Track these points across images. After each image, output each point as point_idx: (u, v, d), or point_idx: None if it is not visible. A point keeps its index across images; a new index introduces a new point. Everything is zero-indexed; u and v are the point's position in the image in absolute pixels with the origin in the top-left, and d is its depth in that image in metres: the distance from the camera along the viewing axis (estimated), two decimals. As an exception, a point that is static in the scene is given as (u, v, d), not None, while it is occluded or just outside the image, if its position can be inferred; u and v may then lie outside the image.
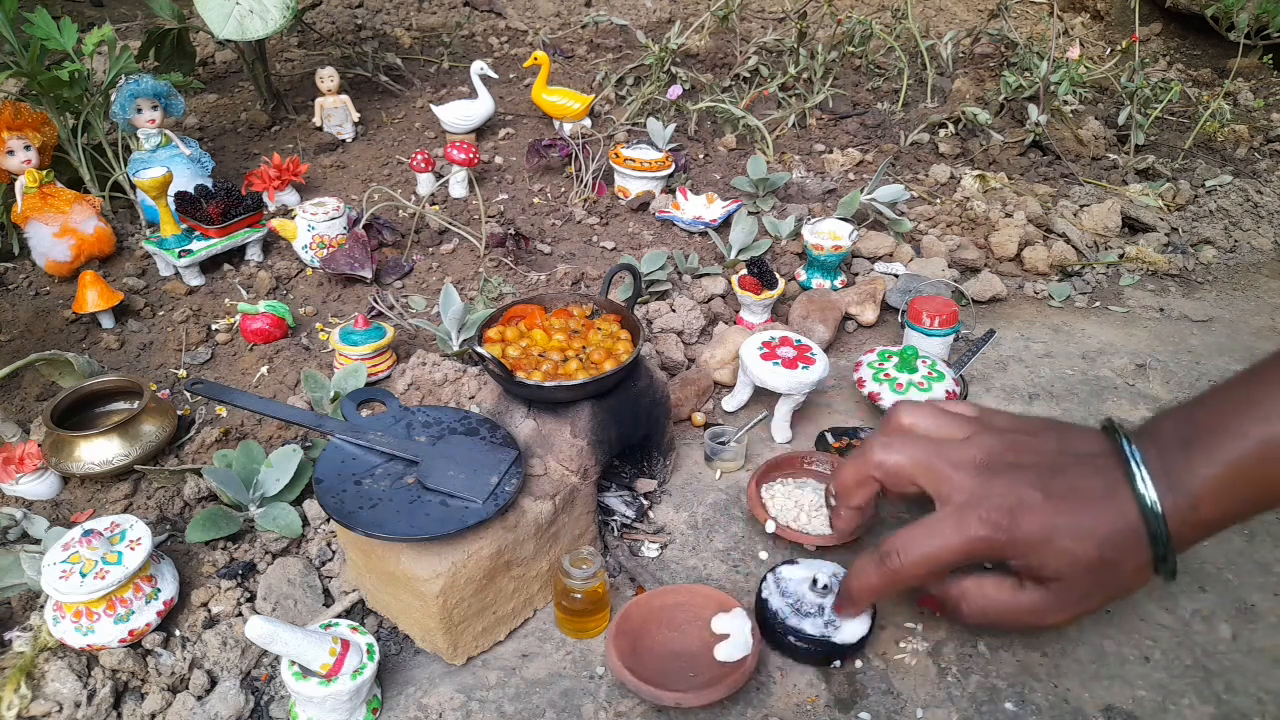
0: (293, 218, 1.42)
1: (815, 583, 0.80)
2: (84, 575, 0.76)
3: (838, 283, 1.40)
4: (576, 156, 1.70)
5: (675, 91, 1.90)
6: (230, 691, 0.77)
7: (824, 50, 2.17)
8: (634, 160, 1.63)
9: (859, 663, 0.80)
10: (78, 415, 1.05)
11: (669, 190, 1.68)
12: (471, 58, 2.11)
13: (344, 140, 1.90)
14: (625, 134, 1.89)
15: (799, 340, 1.08)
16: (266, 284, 1.37)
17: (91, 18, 2.57)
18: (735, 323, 1.31)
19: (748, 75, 2.21)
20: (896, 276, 1.44)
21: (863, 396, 1.11)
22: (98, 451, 0.97)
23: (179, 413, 1.08)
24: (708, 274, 1.40)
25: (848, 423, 1.13)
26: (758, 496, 0.94)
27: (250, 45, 1.84)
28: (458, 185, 1.67)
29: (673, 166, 1.66)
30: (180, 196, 1.39)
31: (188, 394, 1.15)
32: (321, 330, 1.29)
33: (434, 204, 1.64)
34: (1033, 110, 1.89)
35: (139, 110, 1.47)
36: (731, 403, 1.14)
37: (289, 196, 1.63)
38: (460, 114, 1.82)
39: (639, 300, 1.24)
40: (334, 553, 0.91)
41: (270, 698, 0.78)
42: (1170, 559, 0.61)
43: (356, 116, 1.92)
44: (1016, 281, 1.50)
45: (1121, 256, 1.57)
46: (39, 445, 0.99)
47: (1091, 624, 0.84)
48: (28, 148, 1.35)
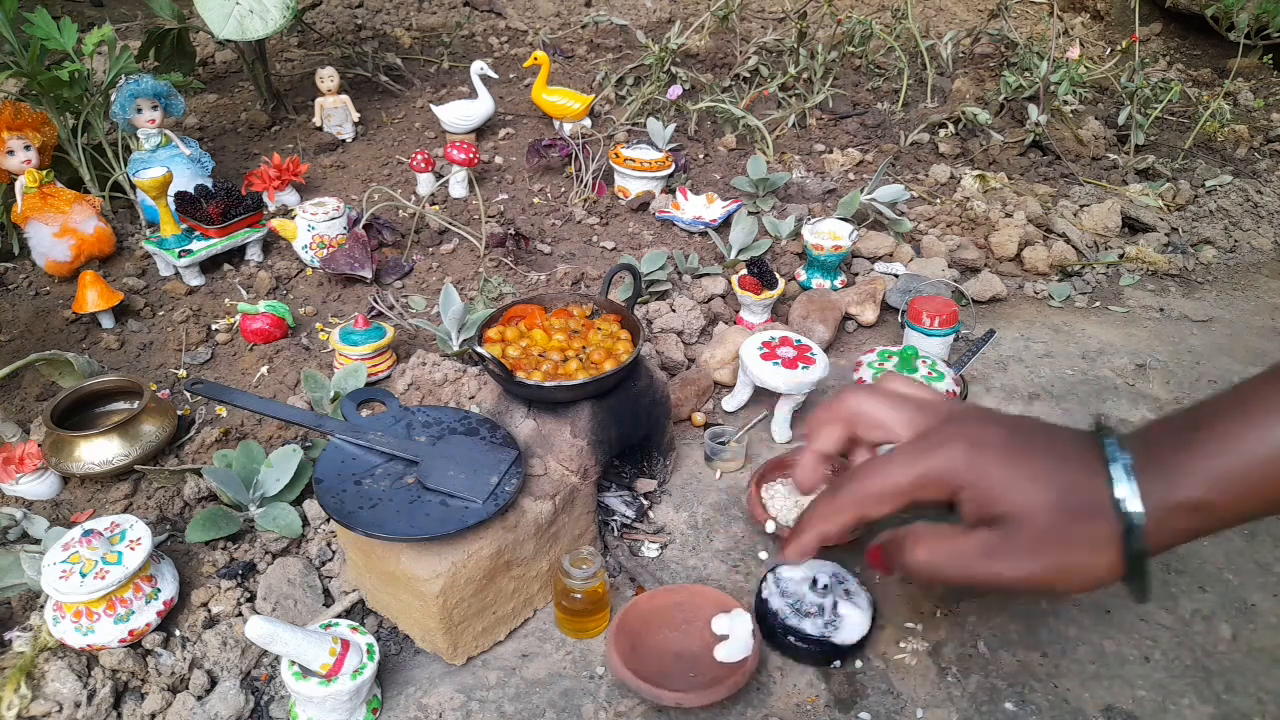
0: (293, 218, 1.42)
1: (815, 583, 0.80)
2: (84, 575, 0.76)
3: (838, 283, 1.40)
4: (576, 156, 1.70)
5: (675, 91, 1.90)
6: (230, 691, 0.77)
7: (824, 50, 2.17)
8: (634, 160, 1.63)
9: (859, 663, 0.80)
10: (78, 415, 1.05)
11: (669, 190, 1.68)
12: (471, 58, 2.11)
13: (344, 140, 1.90)
14: (625, 134, 1.89)
15: (799, 340, 1.08)
16: (266, 284, 1.37)
17: (91, 18, 2.56)
18: (735, 323, 1.31)
19: (748, 75, 2.21)
20: (896, 276, 1.44)
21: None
22: (98, 451, 0.97)
23: (179, 413, 1.08)
24: (708, 274, 1.40)
25: (848, 423, 1.13)
26: (758, 496, 0.94)
27: (250, 45, 1.84)
28: (458, 185, 1.67)
29: (673, 166, 1.66)
30: (180, 196, 1.39)
31: (188, 394, 1.15)
32: (321, 330, 1.29)
33: (434, 204, 1.64)
34: (1033, 110, 1.89)
35: (139, 110, 1.47)
36: (731, 403, 1.14)
37: (289, 196, 1.63)
38: (460, 114, 1.82)
39: (639, 300, 1.24)
40: (334, 553, 0.91)
41: (270, 698, 0.78)
42: (1137, 539, 0.57)
43: (356, 116, 1.92)
44: (1016, 281, 1.49)
45: (1121, 256, 1.57)
46: (39, 445, 0.99)
47: (1092, 624, 0.84)
48: (28, 148, 1.35)
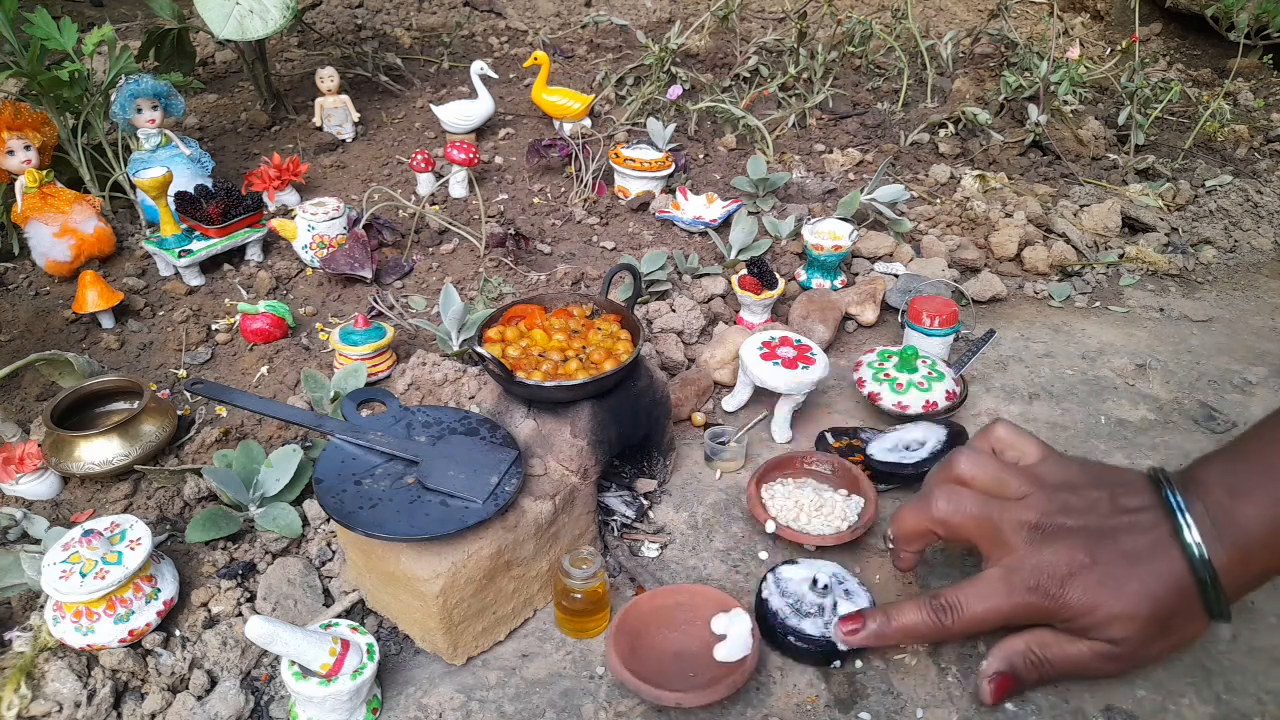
0: (293, 218, 1.42)
1: (815, 583, 0.80)
2: (84, 575, 0.76)
3: (838, 283, 1.40)
4: (576, 156, 1.70)
5: (675, 91, 1.90)
6: (230, 691, 0.77)
7: (824, 50, 2.17)
8: (634, 160, 1.63)
9: (859, 663, 0.80)
10: (78, 415, 1.05)
11: (669, 190, 1.68)
12: (471, 58, 2.11)
13: (344, 140, 1.90)
14: (625, 134, 1.89)
15: (799, 340, 1.08)
16: (266, 284, 1.37)
17: (91, 18, 2.57)
18: (735, 323, 1.31)
19: (748, 75, 2.21)
20: (896, 276, 1.44)
21: (863, 396, 1.11)
22: (98, 451, 0.97)
23: (179, 413, 1.08)
24: (708, 274, 1.40)
25: (848, 423, 1.13)
26: (758, 496, 0.94)
27: (250, 45, 1.84)
28: (458, 185, 1.67)
29: (673, 166, 1.66)
30: (180, 196, 1.39)
31: (188, 394, 1.15)
32: (321, 330, 1.29)
33: (434, 204, 1.65)
34: (1033, 110, 1.89)
35: (139, 110, 1.47)
36: (731, 403, 1.14)
37: (289, 196, 1.63)
38: (460, 114, 1.82)
39: (639, 300, 1.24)
40: (334, 553, 0.91)
41: (270, 698, 0.78)
42: (1224, 609, 0.62)
43: (356, 116, 1.92)
44: (1016, 281, 1.49)
45: (1121, 256, 1.57)
46: (39, 445, 0.99)
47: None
48: (28, 148, 1.35)
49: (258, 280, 1.38)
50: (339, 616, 0.84)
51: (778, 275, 1.28)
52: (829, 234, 1.39)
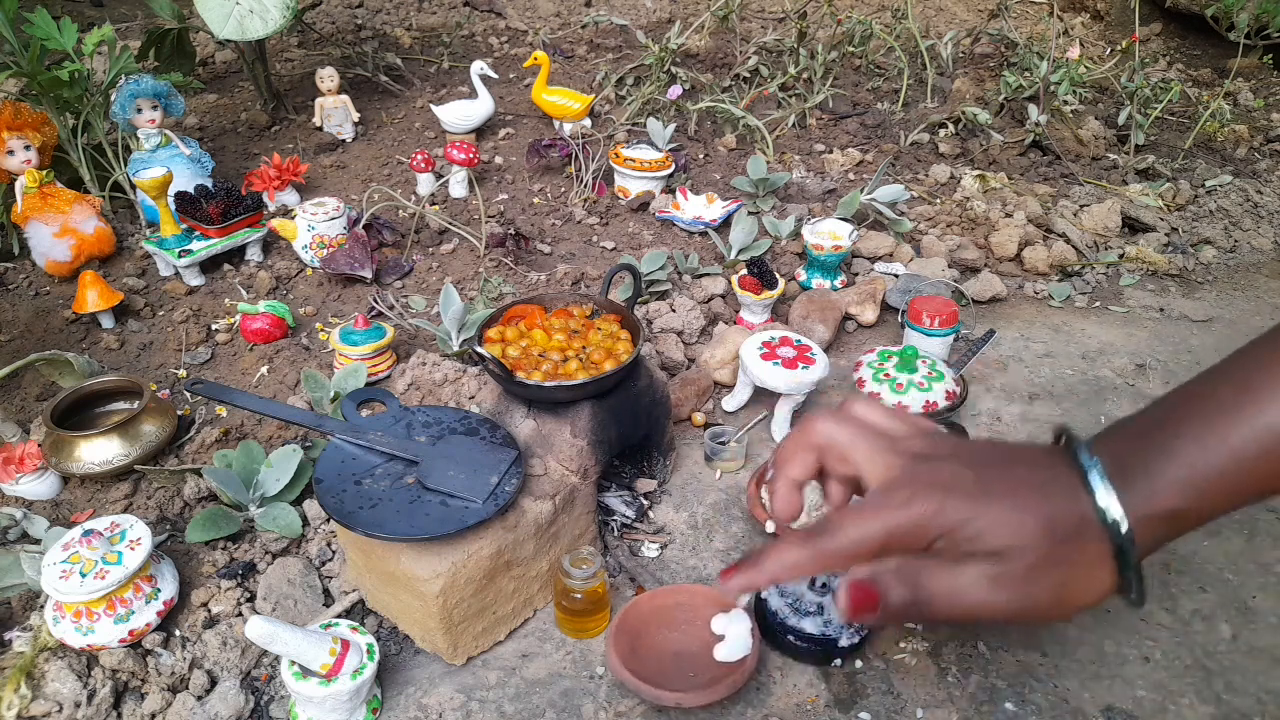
0: (293, 218, 1.42)
1: (814, 582, 0.80)
2: (84, 575, 0.76)
3: (838, 283, 1.40)
4: (576, 156, 1.70)
5: (675, 91, 1.90)
6: (230, 691, 0.77)
7: (824, 50, 2.17)
8: (634, 160, 1.63)
9: (859, 663, 0.80)
10: (78, 415, 1.05)
11: (669, 190, 1.68)
12: (471, 58, 2.11)
13: (344, 140, 1.90)
14: (625, 134, 1.89)
15: (799, 340, 1.08)
16: (266, 284, 1.37)
17: (91, 18, 2.56)
18: (735, 323, 1.31)
19: (748, 75, 2.21)
20: (896, 276, 1.44)
21: (863, 396, 1.11)
22: (98, 451, 0.97)
23: (179, 413, 1.08)
24: (708, 274, 1.40)
25: (848, 423, 1.13)
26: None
27: (250, 45, 1.84)
28: (458, 185, 1.67)
29: (673, 166, 1.66)
30: (180, 196, 1.39)
31: (188, 394, 1.15)
32: (321, 330, 1.29)
33: (434, 204, 1.64)
34: (1033, 110, 1.89)
35: (139, 110, 1.47)
36: (731, 403, 1.14)
37: (289, 196, 1.63)
38: (460, 114, 1.82)
39: (639, 300, 1.24)
40: (334, 553, 0.91)
41: (270, 698, 0.78)
42: (1129, 553, 0.57)
43: (356, 116, 1.92)
44: (1016, 281, 1.49)
45: (1121, 256, 1.57)
46: (39, 445, 0.99)
47: (1092, 624, 0.84)
48: (28, 148, 1.35)
49: (258, 280, 1.38)
50: (339, 616, 0.84)
51: (778, 275, 1.28)
52: (829, 234, 1.39)
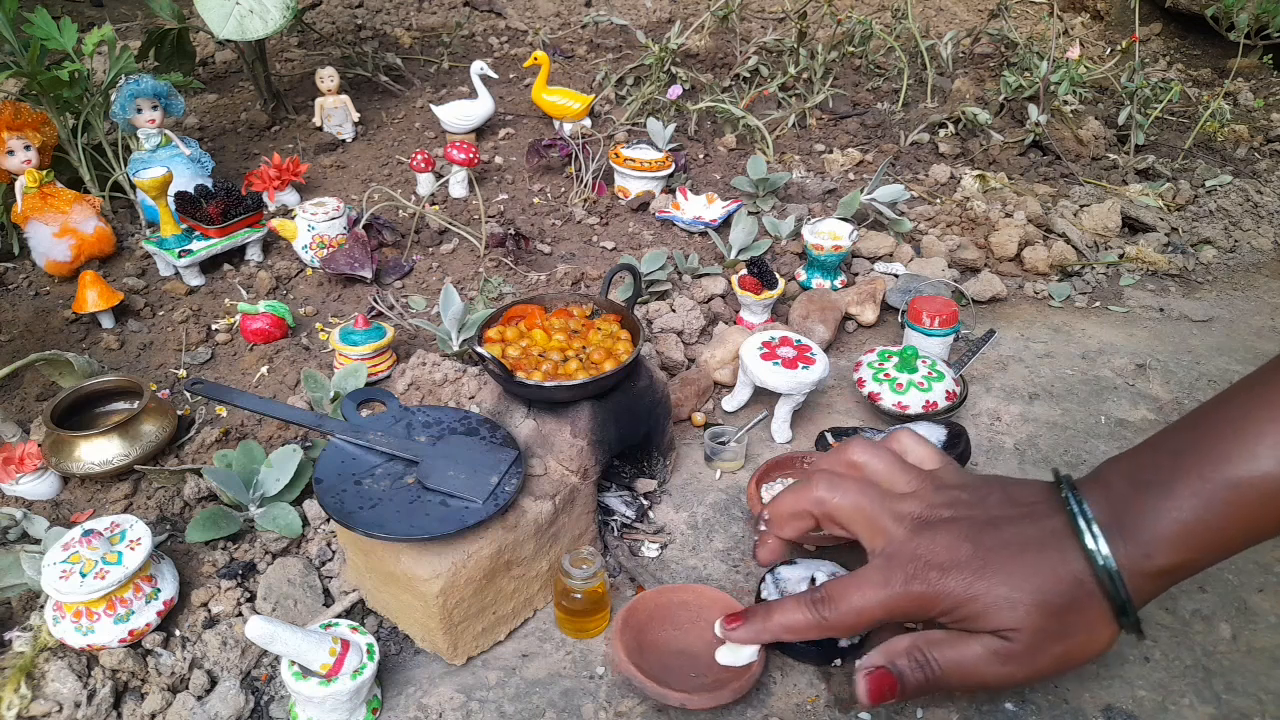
0: (293, 218, 1.42)
1: (814, 582, 0.80)
2: (84, 575, 0.76)
3: (838, 283, 1.40)
4: (576, 156, 1.70)
5: (675, 91, 1.90)
6: (230, 691, 0.77)
7: (824, 50, 2.17)
8: (634, 160, 1.63)
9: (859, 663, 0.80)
10: (78, 415, 1.05)
11: (669, 190, 1.68)
12: (471, 58, 2.11)
13: (344, 140, 1.90)
14: (625, 134, 1.89)
15: (799, 340, 1.08)
16: (266, 284, 1.37)
17: (91, 18, 2.57)
18: (735, 323, 1.31)
19: (748, 75, 2.21)
20: (896, 276, 1.44)
21: (863, 396, 1.11)
22: (98, 451, 0.97)
23: (179, 413, 1.08)
24: (708, 274, 1.40)
25: (848, 423, 1.13)
26: (758, 496, 0.94)
27: (250, 45, 1.84)
28: (458, 185, 1.67)
29: (673, 166, 1.66)
30: (180, 196, 1.39)
31: (188, 394, 1.15)
32: (321, 330, 1.29)
33: (434, 204, 1.64)
34: (1033, 110, 1.89)
35: (139, 110, 1.47)
36: (731, 403, 1.14)
37: (289, 196, 1.63)
38: (460, 114, 1.82)
39: (639, 300, 1.24)
40: (334, 553, 0.91)
41: (270, 698, 0.78)
42: (1130, 610, 0.57)
43: (356, 116, 1.92)
44: (1016, 281, 1.49)
45: (1121, 256, 1.57)
46: (39, 445, 0.99)
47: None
48: (28, 148, 1.35)
49: (258, 280, 1.38)
50: (339, 616, 0.84)
51: (778, 275, 1.28)
52: (829, 234, 1.39)
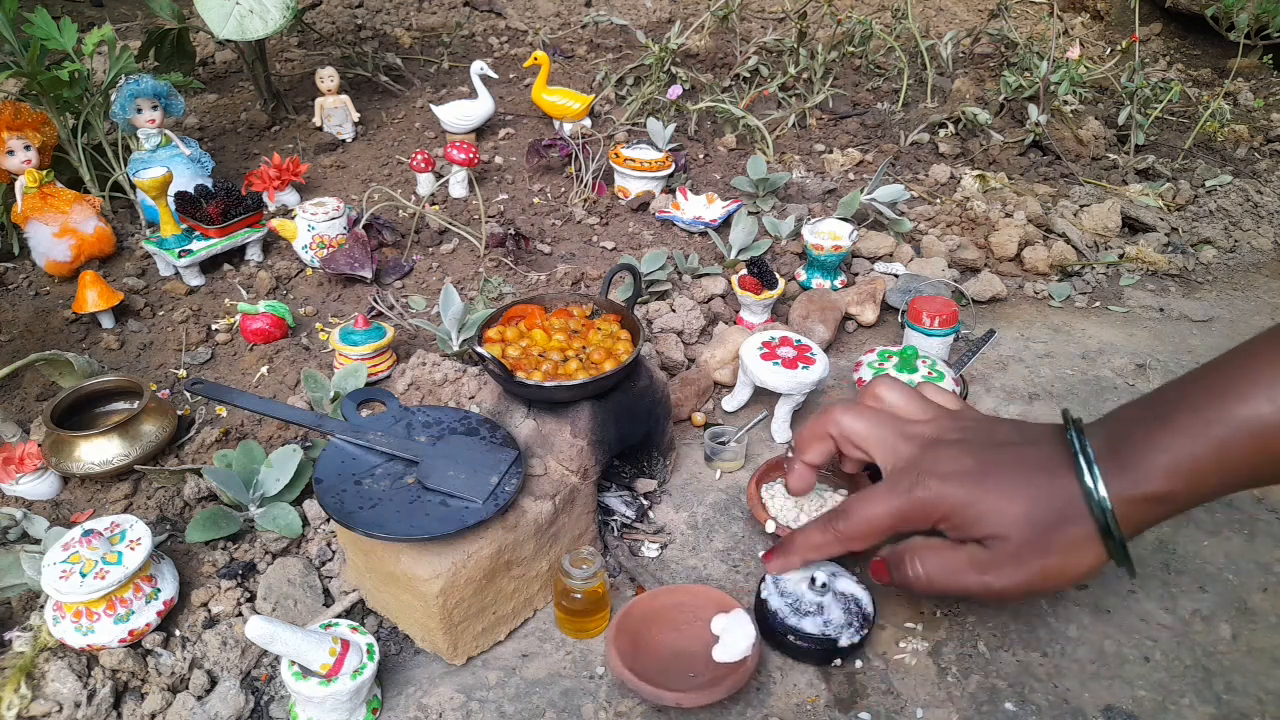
0: (293, 218, 1.42)
1: (814, 581, 0.80)
2: (84, 575, 0.76)
3: (838, 283, 1.40)
4: (576, 156, 1.70)
5: (675, 91, 1.90)
6: (230, 691, 0.77)
7: (824, 50, 2.17)
8: (634, 160, 1.63)
9: (859, 663, 0.80)
10: (78, 415, 1.05)
11: (669, 190, 1.68)
12: (471, 58, 2.11)
13: (344, 140, 1.90)
14: (625, 134, 1.89)
15: (799, 340, 1.08)
16: (266, 284, 1.37)
17: (91, 18, 2.57)
18: (735, 323, 1.31)
19: (748, 75, 2.21)
20: (896, 276, 1.44)
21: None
22: (98, 451, 0.97)
23: (179, 413, 1.08)
24: (708, 274, 1.40)
25: (848, 423, 1.13)
26: (758, 496, 0.94)
27: (250, 45, 1.84)
28: (458, 185, 1.67)
29: (673, 166, 1.66)
30: (180, 196, 1.39)
31: (188, 394, 1.15)
32: (321, 330, 1.29)
33: (434, 204, 1.65)
34: (1033, 110, 1.89)
35: (139, 110, 1.47)
36: (731, 403, 1.14)
37: (289, 196, 1.63)
38: (460, 114, 1.82)
39: (639, 300, 1.24)
40: (334, 553, 0.91)
41: (270, 698, 0.78)
42: (1115, 532, 0.60)
43: (356, 116, 1.92)
44: (1016, 281, 1.49)
45: (1121, 256, 1.57)
46: (39, 445, 0.99)
47: (1092, 624, 0.84)
48: (28, 148, 1.35)
49: (258, 280, 1.38)
50: (339, 616, 0.84)
51: (778, 275, 1.28)
52: (829, 234, 1.39)
